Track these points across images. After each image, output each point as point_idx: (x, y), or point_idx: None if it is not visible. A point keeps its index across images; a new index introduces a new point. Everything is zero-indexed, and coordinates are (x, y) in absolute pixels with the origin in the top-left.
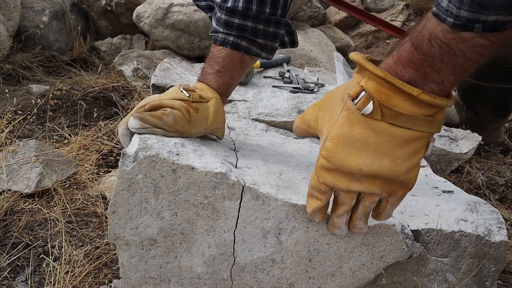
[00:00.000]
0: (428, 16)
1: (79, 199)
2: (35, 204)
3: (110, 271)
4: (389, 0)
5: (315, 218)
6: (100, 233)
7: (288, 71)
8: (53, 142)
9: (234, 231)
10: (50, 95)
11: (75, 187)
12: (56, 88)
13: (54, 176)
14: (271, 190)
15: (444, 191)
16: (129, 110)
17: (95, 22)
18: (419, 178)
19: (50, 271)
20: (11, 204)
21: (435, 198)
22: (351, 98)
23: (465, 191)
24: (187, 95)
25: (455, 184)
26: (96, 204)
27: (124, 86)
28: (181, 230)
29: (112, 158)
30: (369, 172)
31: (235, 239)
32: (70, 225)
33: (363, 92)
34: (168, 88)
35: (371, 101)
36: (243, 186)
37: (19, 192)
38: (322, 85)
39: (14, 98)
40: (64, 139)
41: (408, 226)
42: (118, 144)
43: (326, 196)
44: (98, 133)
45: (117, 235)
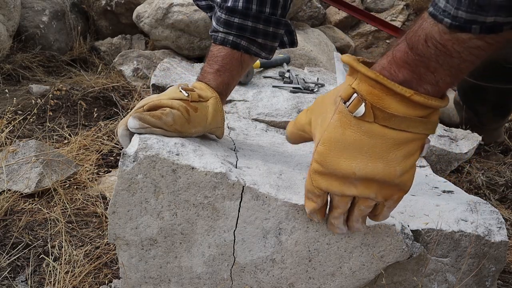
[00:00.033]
0: (424, 16)
1: (79, 199)
2: (35, 204)
3: (110, 271)
4: (389, 0)
5: (314, 218)
6: (100, 233)
7: (288, 71)
8: (53, 142)
9: (234, 231)
10: (50, 95)
11: (75, 187)
12: (56, 88)
13: (54, 176)
14: (271, 190)
15: (444, 191)
16: (129, 110)
17: (95, 22)
18: (419, 178)
19: (50, 271)
20: (11, 204)
21: (435, 198)
22: (343, 101)
23: (465, 191)
24: (186, 94)
25: (455, 184)
26: (96, 204)
27: (124, 86)
28: (181, 230)
29: (112, 158)
30: (362, 175)
31: (235, 239)
32: (70, 225)
33: (355, 94)
34: (168, 88)
35: (363, 103)
36: (243, 186)
37: (19, 192)
38: (322, 85)
39: (14, 98)
40: (64, 139)
41: (408, 226)
42: (118, 144)
43: (321, 199)
44: (98, 133)
45: (117, 235)
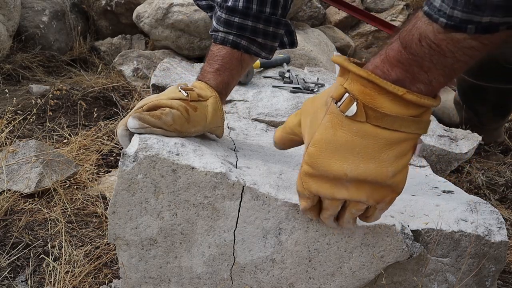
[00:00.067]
0: (419, 15)
1: (79, 199)
2: (35, 204)
3: (110, 271)
4: (389, 0)
5: (308, 215)
6: (100, 233)
7: (288, 71)
8: (53, 142)
9: (234, 231)
10: (50, 95)
11: (75, 187)
12: (56, 88)
13: (54, 176)
14: (271, 190)
15: (444, 191)
16: (129, 110)
17: (95, 22)
18: (419, 178)
19: (50, 271)
20: (11, 204)
21: (435, 198)
22: (334, 101)
23: (465, 191)
24: (185, 94)
25: (455, 184)
26: (96, 204)
27: (124, 86)
28: (181, 230)
29: (112, 158)
30: (354, 176)
31: (235, 239)
32: (70, 225)
33: (347, 94)
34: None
35: (355, 102)
36: (243, 186)
37: (19, 192)
38: (322, 85)
39: (14, 98)
40: (64, 139)
41: (408, 226)
42: (118, 144)
43: (311, 200)
44: (98, 133)
45: (117, 235)
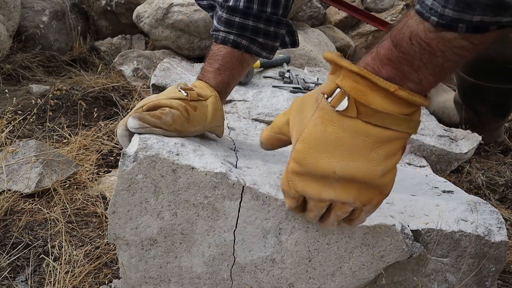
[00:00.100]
0: (410, 13)
1: (79, 199)
2: (35, 204)
3: (110, 271)
4: (389, 0)
5: (294, 213)
6: (100, 233)
7: (288, 71)
8: (53, 142)
9: (234, 231)
10: (50, 95)
11: (75, 187)
12: (56, 88)
13: (54, 176)
14: (271, 190)
15: (444, 191)
16: (129, 110)
17: (95, 22)
18: (419, 178)
19: (50, 271)
20: (11, 204)
21: (435, 198)
22: (325, 96)
23: (465, 191)
24: (185, 94)
25: (455, 184)
26: (96, 204)
27: (124, 86)
28: (181, 230)
29: (112, 158)
30: (343, 175)
31: (235, 239)
32: (70, 225)
33: (338, 89)
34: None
35: (347, 97)
36: (243, 186)
37: (19, 192)
38: None
39: (14, 98)
40: (64, 139)
41: (408, 226)
42: (118, 144)
43: (296, 201)
44: (98, 133)
45: (117, 235)
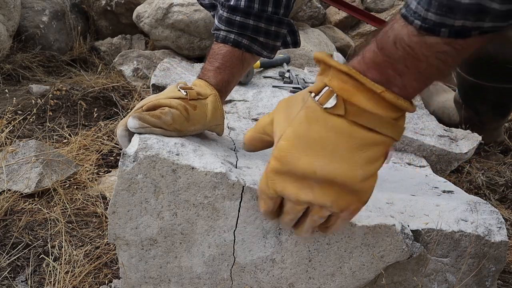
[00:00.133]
0: (396, 17)
1: (79, 199)
2: (35, 204)
3: (110, 271)
4: (389, 0)
5: (268, 218)
6: (100, 233)
7: (288, 71)
8: (53, 142)
9: (234, 231)
10: (50, 95)
11: (75, 187)
12: (56, 88)
13: (54, 176)
14: None
15: (444, 191)
16: (129, 110)
17: (95, 22)
18: (419, 178)
19: (50, 271)
20: (11, 204)
21: (435, 198)
22: (313, 94)
23: (465, 191)
24: (184, 93)
25: (455, 184)
26: (96, 204)
27: (124, 86)
28: (181, 230)
29: (112, 158)
30: (323, 175)
31: (235, 239)
32: (70, 225)
33: (327, 87)
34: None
35: (335, 94)
36: (243, 186)
37: (19, 192)
38: None
39: (14, 98)
40: (64, 139)
41: (408, 226)
42: (118, 144)
43: (273, 202)
44: (98, 133)
45: (117, 235)
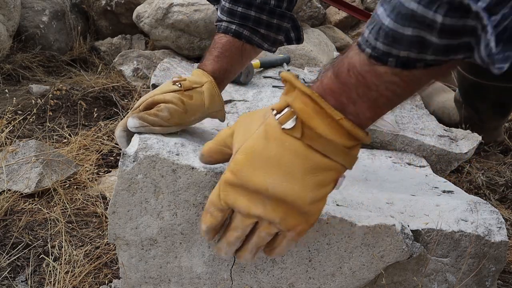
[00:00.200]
0: (353, 44)
1: (79, 199)
2: (35, 204)
3: (110, 271)
4: None
5: (207, 236)
6: (100, 233)
7: (288, 71)
8: (53, 142)
9: None
10: (50, 95)
11: (75, 187)
12: (56, 88)
13: (54, 176)
14: None
15: (444, 191)
16: (128, 110)
17: (95, 22)
18: (419, 178)
19: (50, 271)
20: (11, 204)
21: (435, 198)
22: (274, 112)
23: (465, 191)
24: (179, 86)
25: (455, 184)
26: (96, 204)
27: (124, 86)
28: (181, 230)
29: (112, 158)
30: (274, 193)
31: None
32: (70, 225)
33: (288, 108)
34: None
35: (295, 116)
36: None
37: (19, 192)
38: None
39: (14, 98)
40: (64, 139)
41: (408, 226)
42: (118, 144)
43: (222, 215)
44: (98, 133)
45: (117, 235)
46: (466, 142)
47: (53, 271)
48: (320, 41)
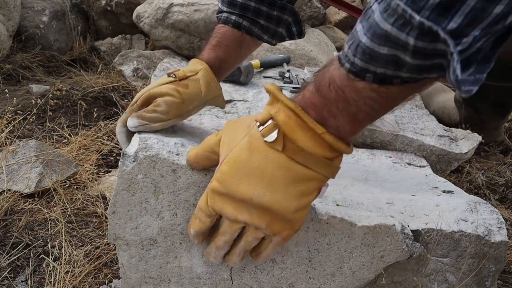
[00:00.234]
0: (334, 59)
1: (79, 199)
2: (35, 204)
3: (110, 271)
4: None
5: (195, 240)
6: (100, 233)
7: (288, 71)
8: (53, 142)
9: None
10: (50, 95)
11: (75, 187)
12: (56, 88)
13: (54, 176)
14: None
15: (444, 191)
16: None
17: (95, 22)
18: (419, 178)
19: (50, 271)
20: (11, 204)
21: (435, 198)
22: (258, 124)
23: (465, 191)
24: (173, 77)
25: (455, 184)
26: (96, 204)
27: (124, 86)
28: (181, 230)
29: (112, 158)
30: (259, 203)
31: None
32: (70, 225)
33: (271, 120)
34: None
35: (277, 129)
36: None
37: (19, 192)
38: None
39: (14, 98)
40: (64, 139)
41: (408, 226)
42: (118, 144)
43: (210, 220)
44: (98, 133)
45: (117, 235)
46: (466, 142)
47: (53, 271)
48: (320, 41)
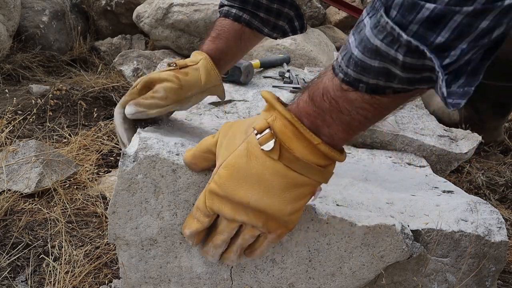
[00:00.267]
0: (328, 68)
1: (79, 199)
2: (35, 204)
3: (110, 271)
4: None
5: (190, 241)
6: (100, 233)
7: (288, 71)
8: (53, 142)
9: None
10: (50, 95)
11: (75, 187)
12: (56, 88)
13: (54, 176)
14: None
15: (444, 191)
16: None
17: (95, 22)
18: (419, 178)
19: (50, 271)
20: (11, 204)
21: (435, 198)
22: (255, 132)
23: (465, 191)
24: (173, 65)
25: (455, 184)
26: (96, 204)
27: (124, 86)
28: (181, 230)
29: (112, 158)
30: (256, 206)
31: None
32: (70, 225)
33: (268, 129)
34: None
35: (274, 139)
36: None
37: (19, 192)
38: None
39: (14, 98)
40: (64, 139)
41: (408, 226)
42: (118, 144)
43: (208, 220)
44: (98, 133)
45: (117, 235)
46: (466, 142)
47: (53, 271)
48: (320, 41)
